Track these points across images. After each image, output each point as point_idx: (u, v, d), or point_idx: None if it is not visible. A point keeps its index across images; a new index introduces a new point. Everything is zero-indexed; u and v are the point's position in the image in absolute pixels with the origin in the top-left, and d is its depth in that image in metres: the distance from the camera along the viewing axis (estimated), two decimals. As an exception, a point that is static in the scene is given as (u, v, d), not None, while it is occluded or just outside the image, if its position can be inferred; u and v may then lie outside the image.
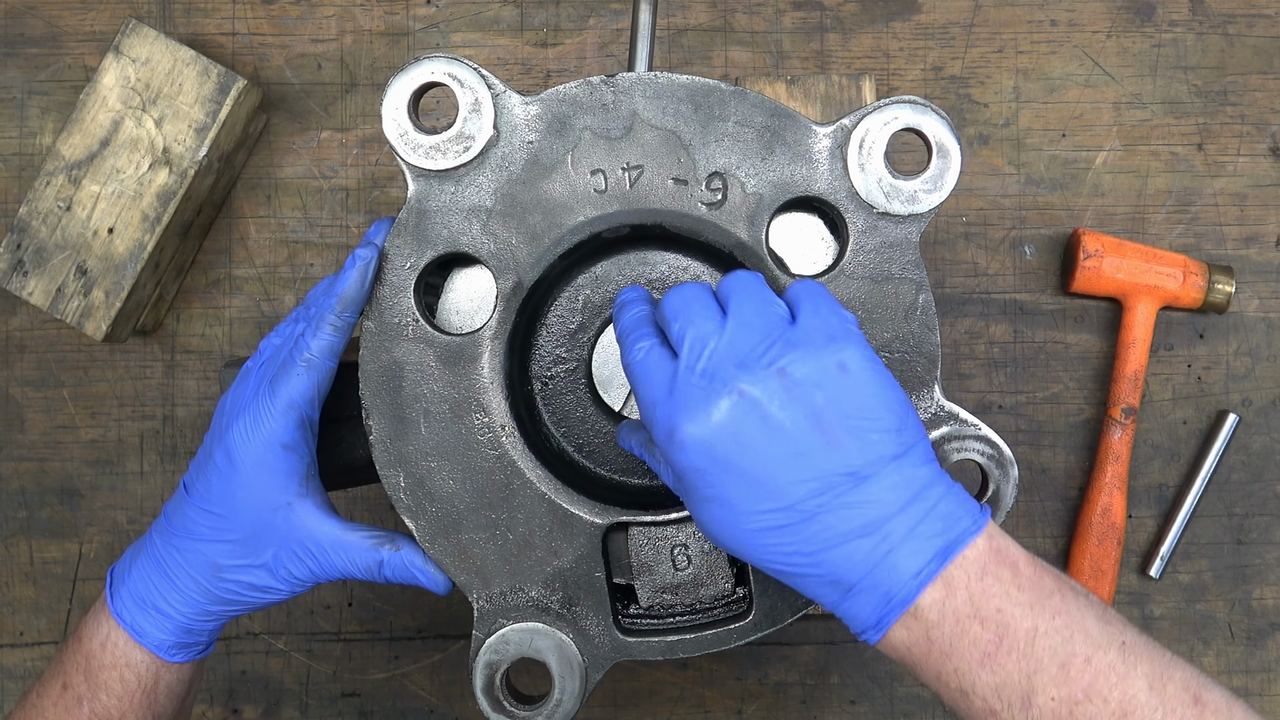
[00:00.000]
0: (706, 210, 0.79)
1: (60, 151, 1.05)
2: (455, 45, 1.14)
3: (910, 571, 0.65)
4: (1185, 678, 0.65)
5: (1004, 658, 0.65)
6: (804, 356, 0.67)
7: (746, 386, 0.66)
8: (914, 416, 0.68)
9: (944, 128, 0.78)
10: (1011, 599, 0.65)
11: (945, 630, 0.66)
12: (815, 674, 1.11)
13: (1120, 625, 0.66)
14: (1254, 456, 1.12)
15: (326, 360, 0.78)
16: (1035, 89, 1.13)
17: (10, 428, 1.12)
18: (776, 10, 1.13)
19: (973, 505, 0.68)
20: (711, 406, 0.66)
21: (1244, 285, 1.12)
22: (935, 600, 0.65)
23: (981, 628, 0.65)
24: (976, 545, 0.66)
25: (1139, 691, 0.64)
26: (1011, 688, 0.65)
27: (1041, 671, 0.65)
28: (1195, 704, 0.64)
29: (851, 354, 0.67)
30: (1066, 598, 0.66)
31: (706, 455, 0.67)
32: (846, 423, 0.66)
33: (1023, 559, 0.67)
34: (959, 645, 0.66)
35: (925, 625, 0.66)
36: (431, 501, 0.79)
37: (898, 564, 0.65)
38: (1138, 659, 0.65)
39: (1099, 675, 0.64)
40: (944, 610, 0.65)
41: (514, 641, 0.79)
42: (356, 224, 1.13)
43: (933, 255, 1.12)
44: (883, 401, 0.67)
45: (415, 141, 0.78)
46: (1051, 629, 0.65)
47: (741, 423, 0.66)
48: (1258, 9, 1.14)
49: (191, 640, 0.81)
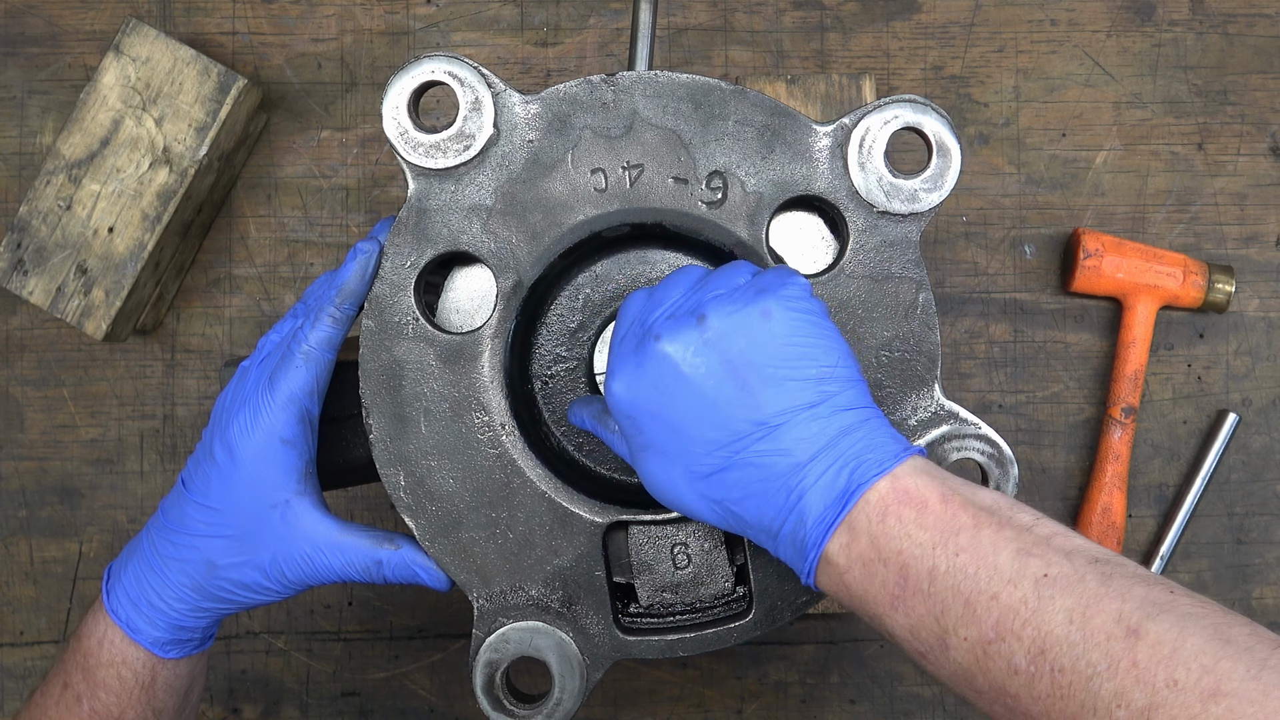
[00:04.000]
0: (707, 209, 0.79)
1: (60, 151, 1.05)
2: (455, 44, 1.14)
3: (814, 517, 0.65)
4: (1123, 609, 0.59)
5: (911, 599, 0.63)
6: (727, 305, 0.68)
7: (665, 334, 0.68)
8: (846, 366, 0.68)
9: (944, 127, 0.78)
10: (911, 538, 0.63)
11: (855, 575, 0.65)
12: (815, 673, 1.11)
13: (1050, 558, 0.61)
14: (1254, 456, 1.12)
15: (325, 353, 0.78)
16: (1035, 88, 1.13)
17: (10, 427, 1.12)
18: (776, 10, 1.13)
19: (890, 448, 0.66)
20: (635, 356, 0.69)
21: (1244, 285, 1.12)
22: (841, 545, 0.65)
23: (886, 570, 0.64)
24: (878, 488, 0.65)
25: (1056, 626, 0.59)
26: (925, 629, 0.63)
27: (948, 612, 0.62)
28: (1128, 636, 0.58)
29: (777, 303, 0.67)
30: (980, 532, 0.63)
31: (631, 404, 0.69)
32: (762, 371, 0.66)
33: (936, 496, 0.64)
34: (870, 589, 0.65)
35: (838, 571, 0.65)
36: (431, 500, 0.79)
37: (804, 511, 0.65)
38: (1057, 592, 0.60)
39: (1007, 612, 0.61)
40: (850, 555, 0.65)
41: (514, 640, 0.79)
42: (356, 223, 1.13)
43: (933, 254, 1.12)
44: (804, 350, 0.67)
45: (415, 140, 0.78)
46: (954, 567, 0.62)
47: (660, 369, 0.68)
48: (1258, 9, 1.14)
49: (186, 636, 0.81)
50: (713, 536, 0.80)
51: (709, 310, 0.67)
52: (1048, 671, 0.59)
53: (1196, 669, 0.56)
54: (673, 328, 0.68)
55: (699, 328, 0.67)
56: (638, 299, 0.73)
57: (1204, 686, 0.55)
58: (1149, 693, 0.56)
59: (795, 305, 0.68)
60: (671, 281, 0.72)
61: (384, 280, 0.79)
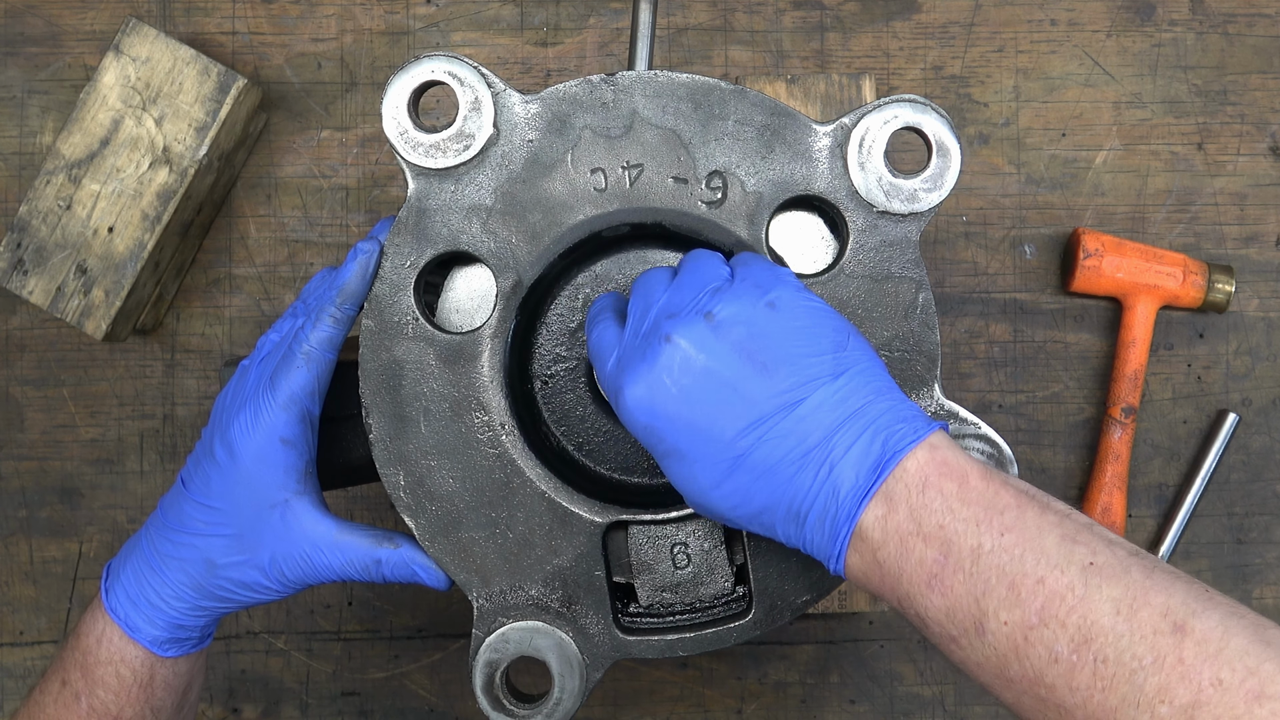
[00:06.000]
0: (706, 209, 0.79)
1: (60, 150, 1.05)
2: (455, 44, 1.14)
3: (848, 487, 0.63)
4: (1169, 604, 0.57)
5: (950, 578, 0.61)
6: (731, 300, 0.67)
7: (674, 333, 0.66)
8: (859, 344, 0.66)
9: (944, 127, 0.78)
10: (955, 514, 0.61)
11: (890, 550, 0.62)
12: (815, 673, 1.11)
13: (1094, 545, 0.60)
14: (1254, 456, 1.12)
15: (326, 353, 0.78)
16: (1035, 88, 1.13)
17: (10, 427, 1.13)
18: (776, 9, 1.13)
19: (919, 419, 0.64)
20: (645, 361, 0.67)
21: (1244, 285, 1.12)
22: (877, 518, 0.63)
23: (925, 545, 0.61)
24: (916, 456, 0.63)
25: (1102, 616, 0.58)
26: (962, 612, 0.61)
27: (990, 594, 0.60)
28: (1175, 632, 0.56)
29: (780, 293, 0.67)
30: (1025, 514, 0.61)
31: (649, 411, 0.67)
32: (777, 351, 0.65)
33: (975, 472, 0.63)
34: (906, 566, 0.62)
35: (872, 546, 0.63)
36: (431, 500, 0.79)
37: (838, 483, 0.63)
38: (1104, 581, 0.58)
39: (1053, 597, 0.59)
40: (886, 528, 0.62)
41: (514, 640, 0.79)
42: (356, 223, 1.13)
43: (933, 254, 1.12)
44: (816, 328, 0.66)
45: (415, 140, 0.78)
46: (999, 546, 0.60)
47: (673, 370, 0.66)
48: (1258, 9, 1.14)
49: (184, 635, 0.81)
50: (713, 536, 0.80)
51: (715, 307, 0.67)
52: (1090, 661, 0.57)
53: (1241, 669, 0.55)
54: (682, 326, 0.67)
55: (709, 323, 0.67)
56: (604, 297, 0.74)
57: (1249, 688, 0.55)
58: (1194, 690, 0.55)
59: (799, 293, 0.68)
60: (648, 282, 0.72)
61: (384, 280, 0.79)
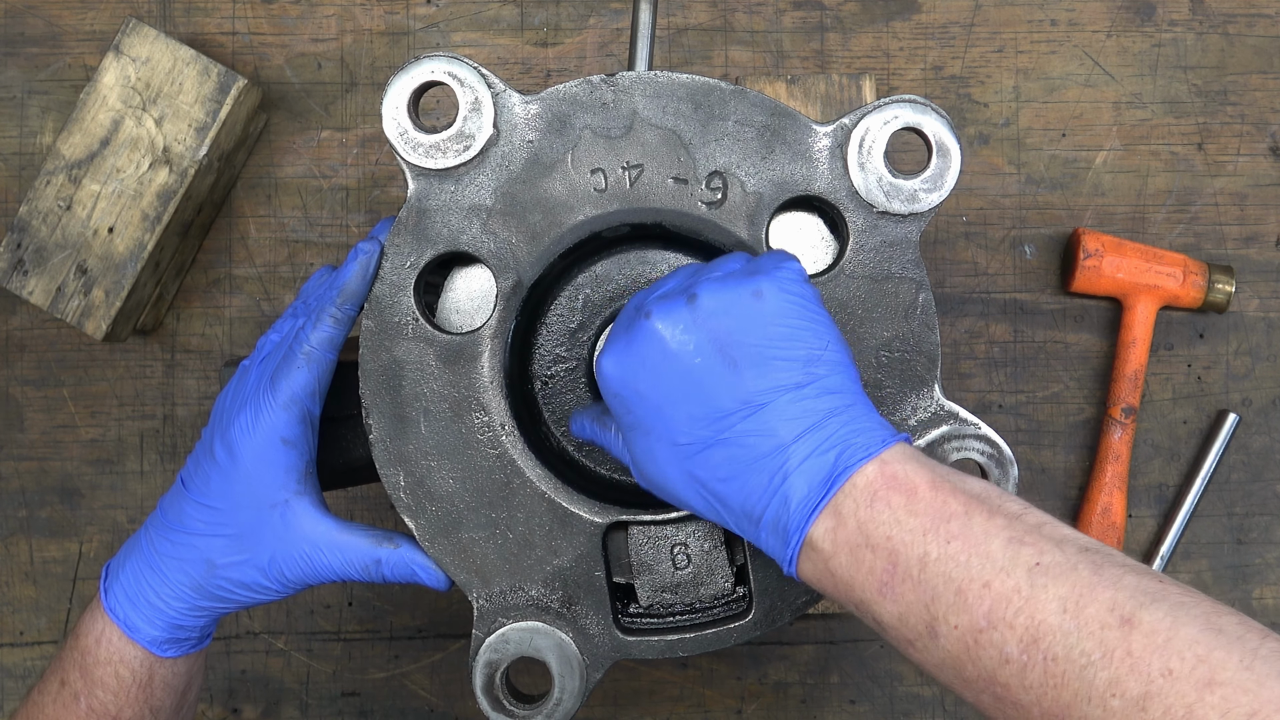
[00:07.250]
0: (706, 209, 0.79)
1: (60, 151, 1.05)
2: (455, 45, 1.14)
3: (798, 500, 0.64)
4: (1117, 598, 0.58)
5: (900, 587, 0.62)
6: (718, 285, 0.67)
7: (655, 311, 0.67)
8: (835, 351, 0.67)
9: (944, 127, 0.78)
10: (901, 525, 0.63)
11: (842, 560, 0.64)
12: (815, 674, 1.11)
13: (1041, 546, 0.61)
14: (1254, 456, 1.12)
15: (326, 353, 0.78)
16: (1035, 89, 1.13)
17: (10, 427, 1.13)
18: (776, 10, 1.13)
19: (876, 432, 0.66)
20: (625, 335, 0.68)
21: (1244, 285, 1.12)
22: (827, 530, 0.64)
23: (874, 556, 0.63)
24: (866, 472, 0.64)
25: (1049, 615, 0.59)
26: (914, 617, 0.62)
27: (938, 600, 0.61)
28: (1122, 625, 0.57)
29: (769, 284, 0.67)
30: (972, 520, 0.62)
31: (619, 381, 0.68)
32: (750, 350, 0.66)
33: (925, 483, 0.64)
34: (857, 575, 0.64)
35: (824, 557, 0.64)
36: (431, 500, 0.79)
37: (789, 493, 0.64)
38: (1051, 580, 0.60)
39: (1000, 600, 0.60)
40: (836, 540, 0.64)
41: (514, 640, 0.79)
42: (356, 224, 1.13)
43: (933, 255, 1.12)
44: (793, 331, 0.66)
45: (415, 140, 0.78)
46: (945, 554, 0.61)
47: (648, 347, 0.67)
48: (1258, 9, 1.14)
49: (183, 635, 0.81)
50: (713, 536, 0.80)
51: (700, 290, 0.67)
52: (1040, 660, 0.59)
53: (1191, 658, 0.56)
54: (663, 306, 0.68)
55: (689, 306, 0.67)
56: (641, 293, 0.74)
57: (1199, 676, 0.55)
58: (1144, 681, 0.56)
59: (788, 287, 0.68)
60: (672, 273, 0.73)
61: (384, 280, 0.79)
